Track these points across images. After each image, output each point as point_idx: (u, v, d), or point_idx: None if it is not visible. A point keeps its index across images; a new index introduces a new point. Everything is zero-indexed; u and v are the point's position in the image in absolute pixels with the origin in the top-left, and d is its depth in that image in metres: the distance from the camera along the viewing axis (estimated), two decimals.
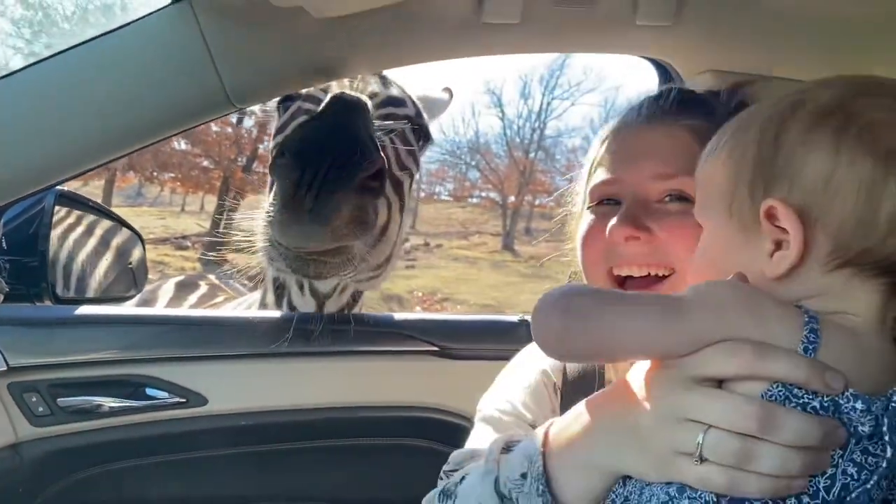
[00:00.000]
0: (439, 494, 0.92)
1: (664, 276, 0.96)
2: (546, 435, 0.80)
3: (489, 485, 0.80)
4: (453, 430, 1.32)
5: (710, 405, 0.64)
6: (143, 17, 1.40)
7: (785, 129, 0.69)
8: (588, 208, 1.05)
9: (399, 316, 1.85)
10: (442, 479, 0.99)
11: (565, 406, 0.98)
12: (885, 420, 0.62)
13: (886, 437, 0.62)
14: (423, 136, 1.84)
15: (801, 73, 1.55)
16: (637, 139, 1.00)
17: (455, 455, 1.03)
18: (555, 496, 0.75)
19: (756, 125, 0.72)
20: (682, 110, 1.00)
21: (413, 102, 1.83)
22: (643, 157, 0.98)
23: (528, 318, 1.74)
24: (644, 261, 0.96)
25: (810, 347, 0.63)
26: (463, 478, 0.88)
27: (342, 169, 1.23)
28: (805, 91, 0.73)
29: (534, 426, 1.03)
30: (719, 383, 0.66)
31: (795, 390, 0.63)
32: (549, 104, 31.98)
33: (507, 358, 1.64)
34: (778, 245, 0.69)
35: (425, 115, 1.86)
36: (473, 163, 34.49)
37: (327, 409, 1.74)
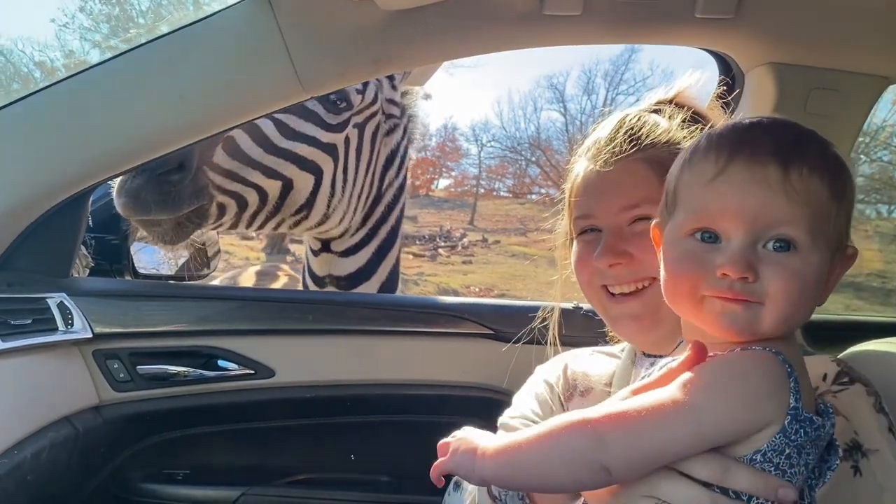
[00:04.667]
0: (453, 483, 1.12)
1: (647, 286, 1.08)
2: None
3: (484, 490, 0.99)
4: (505, 409, 1.36)
5: (679, 490, 0.71)
6: (223, 9, 1.49)
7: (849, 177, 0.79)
8: (575, 238, 1.18)
9: (456, 300, 1.91)
10: None
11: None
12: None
13: (837, 443, 0.75)
14: (339, 96, 2.13)
15: (861, 65, 1.55)
16: (601, 181, 1.11)
17: None
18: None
19: (836, 163, 0.79)
20: (632, 147, 1.09)
21: None
22: (610, 195, 1.10)
23: (582, 305, 1.79)
24: (630, 279, 1.08)
25: (798, 398, 0.70)
26: None
27: (144, 170, 1.82)
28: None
29: (535, 423, 1.15)
30: None
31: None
32: (613, 100, 31.47)
33: (560, 343, 1.68)
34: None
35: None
36: (534, 159, 34.21)
37: (387, 384, 1.81)
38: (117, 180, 1.84)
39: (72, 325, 1.59)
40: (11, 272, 1.60)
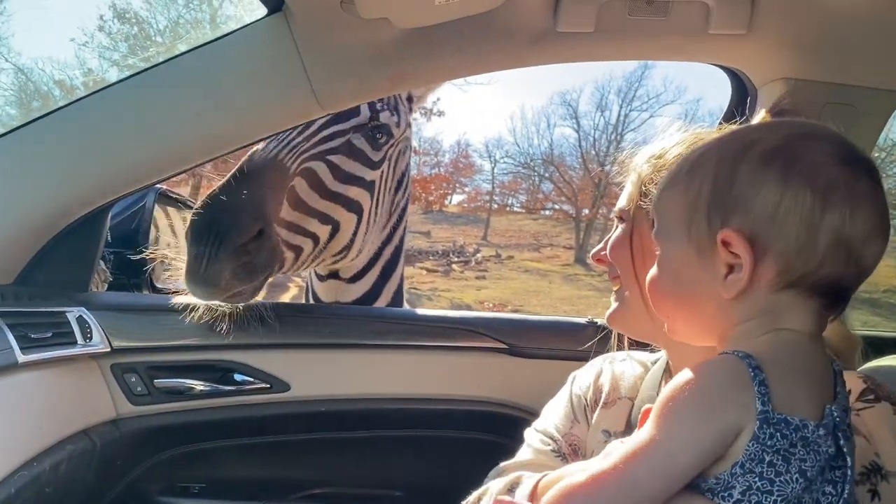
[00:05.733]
0: (475, 496, 1.08)
1: None
2: (535, 486, 0.92)
3: None
4: (520, 426, 1.35)
5: None
6: (240, 28, 1.51)
7: (738, 166, 0.77)
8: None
9: (470, 314, 1.91)
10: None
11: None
12: (840, 436, 0.71)
13: (845, 450, 0.71)
14: (383, 132, 2.03)
15: (875, 80, 1.55)
16: None
17: (496, 468, 1.18)
18: None
19: (712, 161, 0.80)
20: None
21: (368, 105, 1.97)
22: None
23: (597, 320, 1.79)
24: None
25: (766, 400, 0.69)
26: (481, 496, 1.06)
27: (221, 243, 1.63)
28: (755, 132, 0.83)
29: (553, 438, 1.20)
30: None
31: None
32: (626, 116, 31.52)
33: (573, 358, 1.68)
34: (730, 268, 0.77)
35: (387, 108, 2.04)
36: (547, 175, 34.28)
37: (401, 399, 1.81)
38: (184, 268, 1.68)
39: (90, 338, 1.61)
40: (32, 286, 1.62)
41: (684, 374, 0.74)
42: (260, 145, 1.78)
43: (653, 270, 0.87)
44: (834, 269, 0.74)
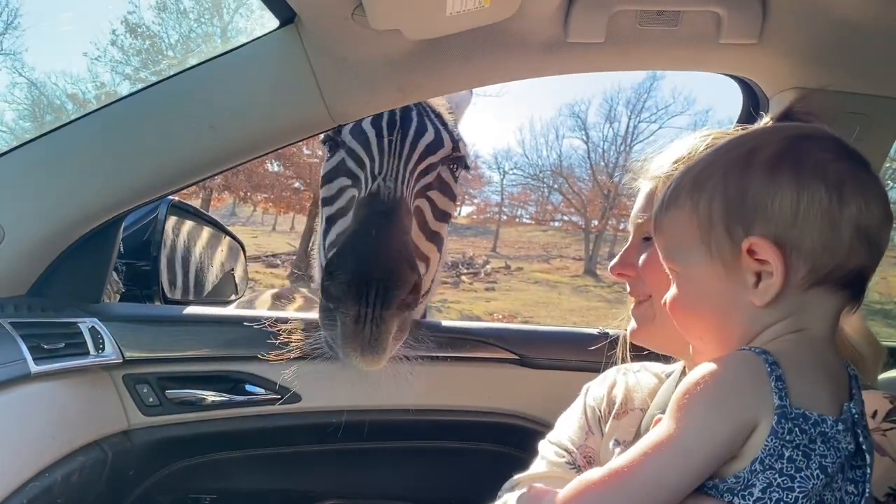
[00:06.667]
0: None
1: None
2: None
3: None
4: (531, 437, 1.34)
5: None
6: (252, 40, 1.52)
7: (746, 175, 0.78)
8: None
9: (481, 325, 1.90)
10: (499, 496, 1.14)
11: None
12: (858, 432, 0.71)
13: (864, 447, 0.71)
14: (461, 165, 1.90)
15: (887, 88, 1.54)
16: None
17: (511, 480, 1.19)
18: None
19: (716, 175, 0.81)
20: None
21: (448, 132, 1.83)
22: None
23: (608, 331, 1.78)
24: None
25: (783, 395, 0.69)
26: None
27: (385, 302, 1.43)
28: (750, 140, 0.83)
29: (567, 450, 1.20)
30: None
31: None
32: (635, 127, 31.53)
33: (585, 369, 1.68)
34: (758, 276, 0.77)
35: (461, 138, 1.89)
36: (556, 186, 34.29)
37: (412, 410, 1.81)
38: (340, 336, 1.49)
39: (103, 349, 1.61)
40: (45, 297, 1.63)
41: (700, 370, 0.74)
42: (374, 182, 1.63)
43: (673, 293, 0.87)
44: (859, 260, 0.75)
